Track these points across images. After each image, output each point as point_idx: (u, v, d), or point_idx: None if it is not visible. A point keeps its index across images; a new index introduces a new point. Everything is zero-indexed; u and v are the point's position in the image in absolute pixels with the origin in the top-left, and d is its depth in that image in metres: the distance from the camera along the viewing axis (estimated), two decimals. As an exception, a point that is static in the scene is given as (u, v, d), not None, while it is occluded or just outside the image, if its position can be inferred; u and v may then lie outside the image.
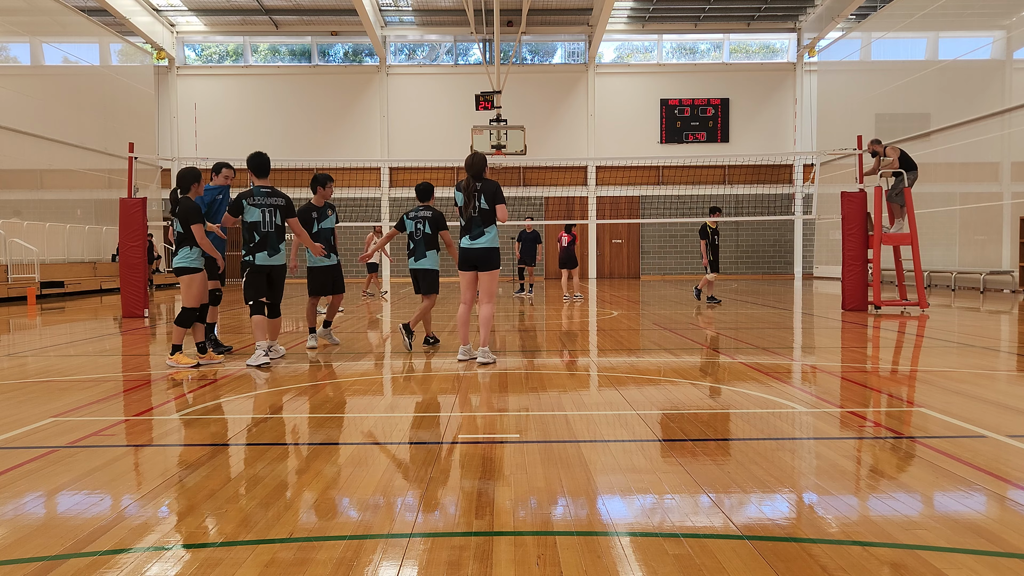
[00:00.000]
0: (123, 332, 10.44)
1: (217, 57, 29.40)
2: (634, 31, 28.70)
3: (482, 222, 7.13)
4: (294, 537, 2.82)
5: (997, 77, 18.58)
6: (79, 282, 19.31)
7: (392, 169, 27.70)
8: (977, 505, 3.12)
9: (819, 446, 4.15)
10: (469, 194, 7.15)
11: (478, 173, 7.21)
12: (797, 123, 28.58)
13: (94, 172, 22.17)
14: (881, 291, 14.46)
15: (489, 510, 3.09)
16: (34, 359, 7.76)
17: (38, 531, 2.89)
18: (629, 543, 2.74)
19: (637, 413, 4.93)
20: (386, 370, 7.06)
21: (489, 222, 7.13)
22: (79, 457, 3.93)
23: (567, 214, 27.49)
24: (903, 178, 12.30)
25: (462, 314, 7.37)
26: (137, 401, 5.56)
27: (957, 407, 4.97)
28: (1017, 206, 17.33)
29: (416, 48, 29.23)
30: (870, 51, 24.25)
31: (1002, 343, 8.70)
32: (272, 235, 7.07)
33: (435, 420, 4.79)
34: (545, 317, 12.40)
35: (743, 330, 10.15)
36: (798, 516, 3.06)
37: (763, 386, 5.89)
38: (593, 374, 6.65)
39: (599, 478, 3.51)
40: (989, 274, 17.70)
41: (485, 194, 7.11)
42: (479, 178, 7.19)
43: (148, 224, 13.03)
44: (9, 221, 18.03)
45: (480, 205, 7.10)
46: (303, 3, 26.44)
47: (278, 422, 4.79)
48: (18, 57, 20.51)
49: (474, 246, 7.14)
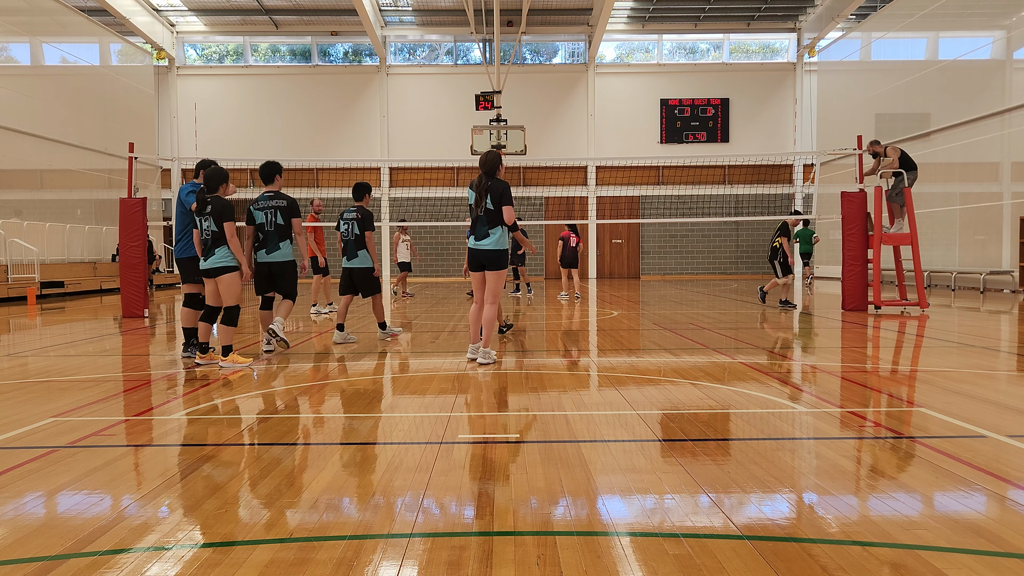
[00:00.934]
0: (123, 332, 10.44)
1: (217, 57, 29.40)
2: (634, 31, 28.71)
3: (487, 223, 7.05)
4: (294, 537, 2.82)
5: (997, 77, 18.58)
6: (79, 282, 19.31)
7: (392, 169, 27.72)
8: (977, 505, 3.12)
9: (819, 446, 4.15)
10: (480, 192, 7.08)
11: (491, 170, 7.09)
12: (797, 123, 28.59)
13: (94, 172, 22.17)
14: (881, 291, 14.46)
15: (489, 510, 3.09)
16: (34, 359, 7.76)
17: (38, 531, 2.89)
18: (629, 543, 2.74)
19: (637, 413, 4.93)
20: (386, 370, 7.06)
21: (495, 223, 7.04)
22: (79, 457, 3.93)
23: (567, 214, 27.50)
24: (903, 178, 12.30)
25: (473, 313, 7.37)
26: (137, 401, 5.56)
27: (957, 407, 4.97)
28: (1017, 206, 17.33)
29: (416, 48, 29.24)
30: (870, 51, 24.25)
31: (1002, 343, 8.70)
32: (272, 234, 7.61)
33: (435, 420, 4.79)
34: (546, 317, 12.40)
35: (743, 330, 10.15)
36: (798, 516, 3.06)
37: (763, 386, 5.89)
38: (593, 374, 6.65)
39: (599, 478, 3.51)
40: (989, 274, 17.70)
41: (492, 194, 7.02)
42: (491, 176, 7.10)
43: (148, 224, 13.03)
44: (9, 221, 18.03)
45: (486, 205, 7.03)
46: (303, 3, 26.44)
47: (278, 422, 4.79)
48: (18, 57, 20.51)
49: (479, 247, 7.10)
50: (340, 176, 27.26)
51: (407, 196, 27.99)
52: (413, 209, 27.86)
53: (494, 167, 7.07)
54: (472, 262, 7.23)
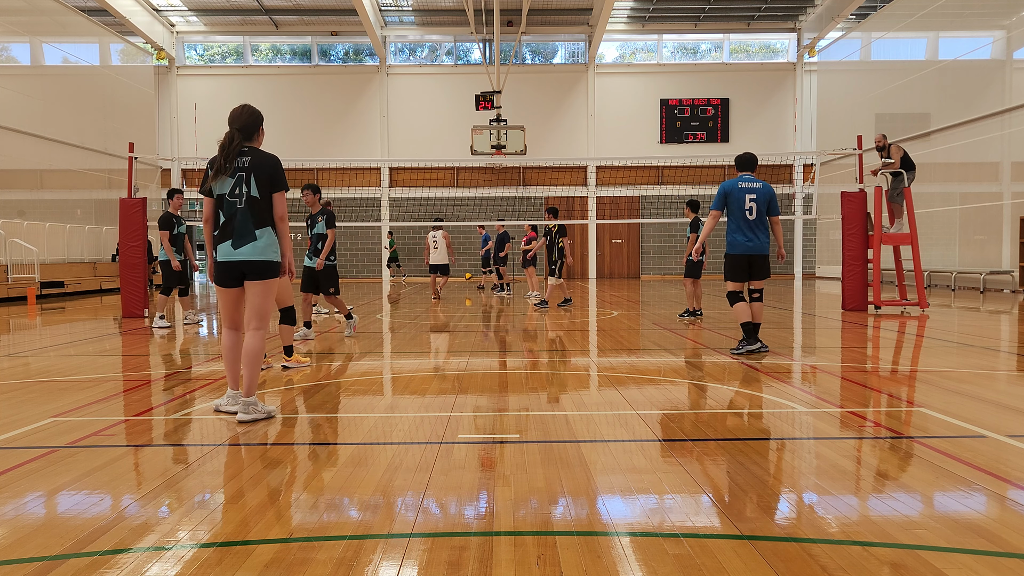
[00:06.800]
0: (123, 332, 10.44)
1: (218, 57, 29.40)
2: (634, 31, 28.71)
3: (252, 219, 4.85)
4: (294, 537, 2.82)
5: (997, 77, 18.58)
6: (79, 282, 19.31)
7: (392, 169, 27.71)
8: (977, 505, 3.12)
9: (819, 446, 4.15)
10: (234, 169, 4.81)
11: (250, 133, 4.96)
12: (797, 123, 28.59)
13: (94, 172, 22.17)
14: (881, 291, 14.46)
15: (489, 510, 3.09)
16: (34, 359, 7.76)
17: (38, 531, 2.89)
18: (629, 543, 2.74)
19: (637, 413, 4.93)
20: (386, 370, 7.06)
21: (263, 222, 4.83)
22: (79, 457, 3.93)
23: (567, 214, 27.50)
24: (903, 178, 12.30)
25: (229, 344, 5.10)
26: (137, 401, 5.56)
27: (957, 407, 4.97)
28: (1017, 206, 17.33)
29: (416, 48, 29.24)
30: (870, 51, 24.25)
31: (1002, 343, 8.69)
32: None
33: (435, 420, 4.79)
34: (545, 317, 12.40)
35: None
36: (798, 516, 3.06)
37: (763, 386, 5.89)
38: (593, 374, 6.65)
39: (599, 478, 3.51)
40: (989, 274, 17.70)
41: (257, 173, 4.83)
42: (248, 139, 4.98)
43: (148, 224, 13.03)
44: (10, 221, 18.03)
45: (250, 192, 4.79)
46: (303, 3, 26.44)
47: (277, 422, 4.79)
48: (18, 57, 20.51)
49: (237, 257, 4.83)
50: (340, 176, 27.26)
51: (407, 196, 27.98)
52: (413, 209, 27.86)
53: (254, 126, 4.98)
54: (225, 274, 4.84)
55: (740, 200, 7.60)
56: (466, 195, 27.45)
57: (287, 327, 7.06)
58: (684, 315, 11.70)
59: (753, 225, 7.60)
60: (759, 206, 7.61)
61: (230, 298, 4.88)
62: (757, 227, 7.62)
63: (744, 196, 7.60)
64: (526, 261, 16.34)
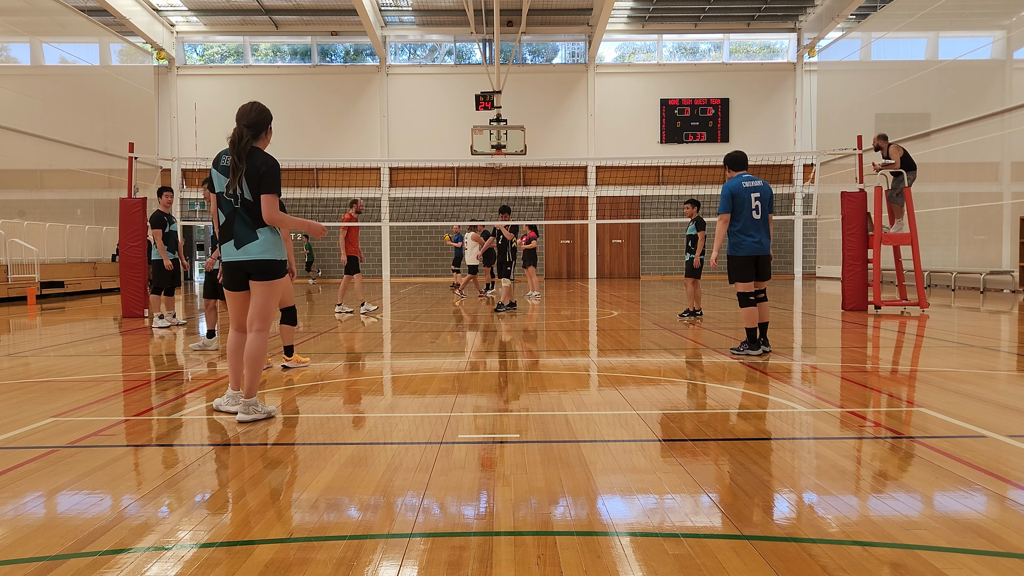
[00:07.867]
0: (123, 332, 10.44)
1: (218, 57, 29.40)
2: (634, 31, 28.70)
3: (248, 219, 4.89)
4: (294, 537, 2.82)
5: (997, 77, 18.58)
6: (79, 282, 19.31)
7: (392, 169, 27.71)
8: (977, 505, 3.12)
9: (819, 446, 4.15)
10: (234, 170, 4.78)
11: (259, 131, 4.77)
12: (797, 123, 28.58)
13: (94, 172, 22.17)
14: (881, 291, 14.46)
15: (489, 510, 3.09)
16: (34, 359, 7.75)
17: (38, 531, 2.89)
18: (629, 543, 2.74)
19: (637, 413, 4.93)
20: (386, 370, 7.06)
21: (260, 221, 4.84)
22: (79, 457, 3.93)
23: (567, 214, 27.51)
24: (903, 178, 12.30)
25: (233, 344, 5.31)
26: (137, 401, 5.56)
27: (957, 407, 4.97)
28: (1017, 206, 17.33)
29: (416, 48, 29.23)
30: (870, 51, 24.25)
31: (1002, 343, 8.69)
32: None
33: (435, 420, 4.79)
34: (546, 317, 12.40)
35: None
36: (798, 516, 3.06)
37: (763, 386, 5.89)
38: (593, 374, 6.65)
39: (599, 478, 3.51)
40: (989, 274, 17.70)
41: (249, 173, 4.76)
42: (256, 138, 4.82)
43: (148, 224, 13.03)
44: (10, 221, 18.03)
45: (243, 192, 4.78)
46: (303, 3, 26.44)
47: (278, 422, 4.79)
48: (18, 57, 20.50)
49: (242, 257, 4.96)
50: (340, 176, 27.27)
51: (407, 196, 27.98)
52: (413, 209, 27.86)
53: (262, 124, 4.77)
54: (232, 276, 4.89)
55: (747, 200, 7.57)
56: (466, 195, 27.45)
57: (288, 327, 7.06)
58: (684, 315, 11.71)
59: (759, 224, 7.59)
60: (763, 205, 7.60)
61: (238, 301, 4.91)
62: (762, 226, 7.61)
63: (750, 196, 7.57)
64: (527, 261, 16.32)
